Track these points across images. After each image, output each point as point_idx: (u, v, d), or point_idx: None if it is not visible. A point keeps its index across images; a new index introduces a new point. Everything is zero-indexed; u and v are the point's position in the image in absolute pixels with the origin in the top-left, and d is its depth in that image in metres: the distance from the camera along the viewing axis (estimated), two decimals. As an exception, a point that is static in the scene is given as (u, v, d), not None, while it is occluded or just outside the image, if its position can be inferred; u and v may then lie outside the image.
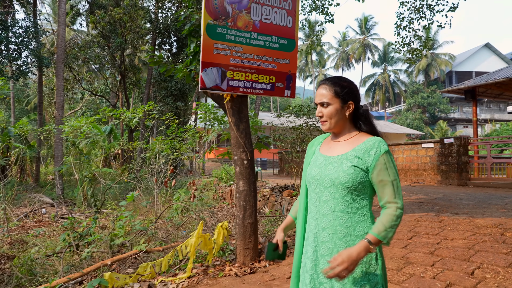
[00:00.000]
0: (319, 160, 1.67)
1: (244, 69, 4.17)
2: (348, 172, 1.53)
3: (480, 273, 3.03)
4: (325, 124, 1.65)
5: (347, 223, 1.53)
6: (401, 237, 4.22)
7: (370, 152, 1.54)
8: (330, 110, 1.63)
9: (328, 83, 1.65)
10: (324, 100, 1.63)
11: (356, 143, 1.61)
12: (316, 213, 1.61)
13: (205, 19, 3.93)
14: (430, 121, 49.32)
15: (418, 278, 3.14)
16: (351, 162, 1.55)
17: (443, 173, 11.12)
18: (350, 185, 1.52)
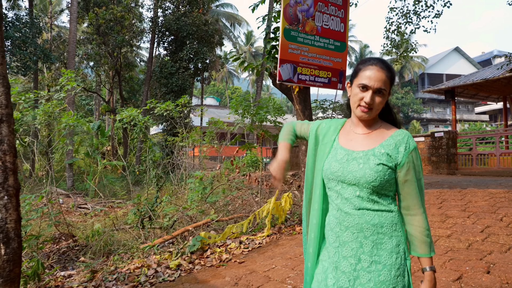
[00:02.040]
0: (340, 154, 1.49)
1: (309, 65, 5.10)
2: (376, 170, 1.39)
3: (508, 219, 4.09)
4: (369, 112, 1.44)
5: (374, 220, 1.40)
6: (433, 202, 5.26)
7: (399, 148, 1.40)
8: (382, 100, 1.45)
9: (383, 66, 1.45)
10: (383, 87, 1.42)
11: (382, 136, 1.46)
12: (337, 211, 1.46)
13: (283, 24, 4.83)
14: (404, 121, 51.61)
15: (461, 225, 4.16)
16: (379, 159, 1.40)
17: (434, 164, 12.40)
18: (377, 184, 1.38)
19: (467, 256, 3.37)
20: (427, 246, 1.39)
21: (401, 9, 14.44)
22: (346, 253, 1.41)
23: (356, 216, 1.40)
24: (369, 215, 1.40)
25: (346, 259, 1.41)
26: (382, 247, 1.38)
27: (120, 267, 4.26)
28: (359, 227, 1.40)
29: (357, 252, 1.40)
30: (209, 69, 19.42)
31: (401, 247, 1.40)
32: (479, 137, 13.56)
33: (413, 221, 1.41)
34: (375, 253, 1.38)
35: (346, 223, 1.42)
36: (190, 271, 4.08)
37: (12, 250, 3.24)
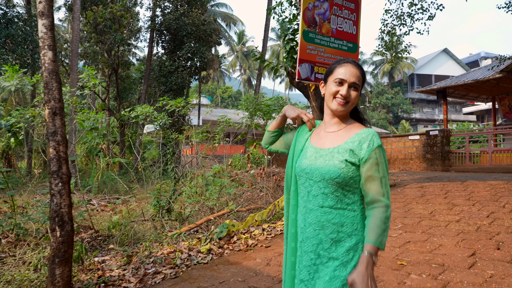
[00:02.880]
0: (309, 152, 1.56)
1: (325, 65, 5.46)
2: (339, 166, 1.44)
3: (510, 206, 4.52)
4: (344, 106, 1.52)
5: (335, 219, 1.45)
6: (438, 193, 5.68)
7: (363, 145, 1.46)
8: (357, 95, 1.54)
9: (356, 64, 1.55)
10: (357, 82, 1.52)
11: (348, 134, 1.52)
12: (303, 207, 1.53)
13: (302, 27, 5.18)
14: (394, 121, 52.45)
15: (467, 212, 4.57)
16: (343, 156, 1.46)
17: (428, 161, 12.90)
18: (341, 180, 1.44)
19: (477, 237, 3.77)
20: (375, 234, 1.38)
21: (395, 11, 14.92)
22: (307, 248, 1.48)
23: (318, 214, 1.46)
24: (331, 213, 1.45)
25: (307, 254, 1.48)
26: (340, 244, 1.43)
27: (154, 252, 4.55)
28: (320, 224, 1.46)
29: (317, 248, 1.46)
30: (207, 68, 19.69)
31: (360, 246, 1.43)
32: (472, 135, 14.13)
33: (373, 212, 1.42)
34: (333, 250, 1.44)
35: (310, 220, 1.49)
36: (221, 254, 4.41)
37: (66, 233, 3.54)
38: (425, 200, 5.42)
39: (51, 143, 3.62)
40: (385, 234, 1.41)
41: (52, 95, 3.65)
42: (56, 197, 3.58)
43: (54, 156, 3.60)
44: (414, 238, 4.01)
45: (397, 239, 4.04)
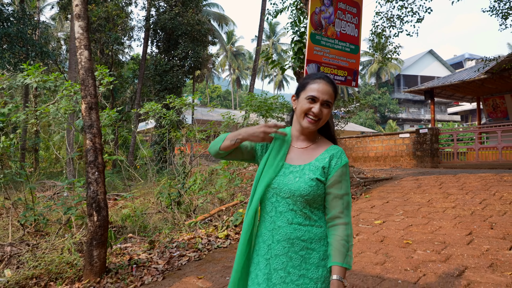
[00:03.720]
0: (278, 167, 1.53)
1: (330, 65, 5.86)
2: (310, 184, 1.43)
3: (499, 194, 4.99)
4: (315, 124, 1.50)
5: (304, 236, 1.44)
6: (433, 184, 6.14)
7: (331, 162, 1.47)
8: (329, 112, 1.51)
9: (329, 81, 1.53)
10: (330, 100, 1.49)
11: (319, 151, 1.53)
12: (270, 223, 1.50)
13: (309, 29, 5.57)
14: (381, 121, 53.41)
15: (462, 199, 5.03)
16: (314, 173, 1.46)
17: (418, 158, 13.45)
18: (310, 198, 1.44)
19: (472, 219, 4.22)
20: (340, 255, 1.39)
21: (385, 13, 15.49)
22: (276, 265, 1.46)
23: (288, 231, 1.45)
24: (300, 230, 1.44)
25: (277, 272, 1.46)
26: (309, 261, 1.44)
27: (175, 238, 4.89)
28: (290, 241, 1.44)
29: (286, 266, 1.44)
30: (201, 67, 19.97)
31: (327, 260, 1.44)
32: (460, 133, 14.77)
33: (334, 230, 1.43)
34: (303, 267, 1.43)
35: (278, 237, 1.46)
36: (238, 240, 4.76)
37: (103, 218, 3.86)
38: (421, 190, 5.88)
39: (87, 135, 3.93)
40: (350, 254, 1.41)
41: (88, 91, 3.96)
42: (93, 184, 3.90)
43: (91, 147, 3.92)
44: (415, 222, 4.44)
45: (400, 223, 4.46)
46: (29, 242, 4.82)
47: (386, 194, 5.99)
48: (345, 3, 5.96)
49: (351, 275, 3.23)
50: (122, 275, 3.88)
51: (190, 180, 9.70)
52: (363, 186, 6.81)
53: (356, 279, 3.13)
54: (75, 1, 4.01)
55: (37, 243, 4.64)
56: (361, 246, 3.92)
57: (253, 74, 19.70)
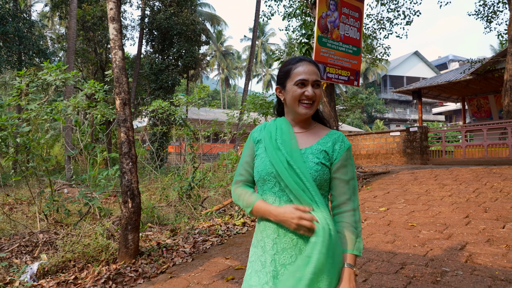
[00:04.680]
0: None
1: (335, 66, 6.31)
2: (316, 169, 1.34)
3: (490, 184, 5.50)
4: (311, 108, 1.41)
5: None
6: (429, 177, 6.64)
7: (335, 146, 1.38)
8: (321, 92, 1.44)
9: (310, 60, 1.43)
10: (319, 79, 1.41)
11: (318, 134, 1.44)
12: None
13: (317, 32, 6.00)
14: (368, 120, 54.38)
15: (456, 189, 5.52)
16: (318, 157, 1.36)
17: (408, 155, 14.04)
18: (317, 183, 1.33)
19: (467, 205, 4.70)
20: (350, 242, 1.31)
21: (376, 16, 16.07)
22: (284, 260, 1.33)
23: None
24: None
25: (285, 267, 1.33)
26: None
27: (195, 226, 5.25)
28: (298, 233, 1.32)
29: (295, 260, 1.31)
30: (196, 66, 20.27)
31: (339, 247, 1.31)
32: (448, 131, 15.44)
33: (342, 218, 1.34)
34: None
35: (285, 229, 1.34)
36: (255, 227, 5.16)
37: (136, 204, 4.21)
38: (418, 182, 6.37)
39: (122, 129, 4.27)
40: (359, 240, 1.33)
41: (122, 88, 4.30)
42: (127, 174, 4.24)
43: (125, 139, 4.26)
44: (417, 208, 4.90)
45: (403, 209, 4.92)
46: (57, 231, 5.13)
47: (386, 186, 6.46)
48: (348, 8, 6.41)
49: (366, 251, 3.66)
50: (154, 257, 4.23)
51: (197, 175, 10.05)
52: (363, 179, 7.27)
53: (371, 254, 3.56)
54: (109, 4, 4.34)
55: (69, 231, 4.94)
56: (371, 229, 4.36)
57: (248, 74, 20.09)
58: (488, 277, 2.81)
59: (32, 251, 4.65)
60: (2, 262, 4.15)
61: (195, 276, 3.72)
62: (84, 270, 4.05)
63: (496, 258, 3.12)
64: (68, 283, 3.79)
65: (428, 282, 2.86)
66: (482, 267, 2.99)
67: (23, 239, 4.86)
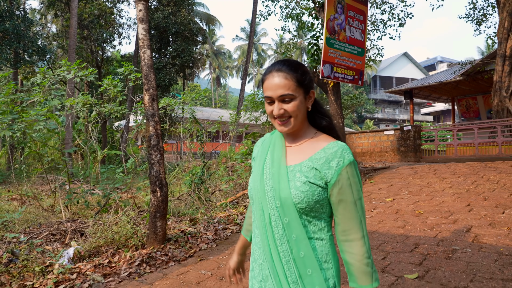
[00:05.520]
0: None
1: (341, 66, 6.67)
2: (302, 189, 1.15)
3: (487, 176, 5.92)
4: (287, 124, 1.21)
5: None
6: (428, 171, 7.04)
7: (330, 163, 1.15)
8: (295, 105, 1.19)
9: (285, 69, 1.18)
10: (287, 92, 1.17)
11: (313, 149, 1.22)
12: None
13: (325, 34, 6.36)
14: (358, 120, 55.14)
15: (456, 181, 5.93)
16: (306, 176, 1.16)
17: (402, 153, 14.52)
18: (304, 206, 1.15)
19: (468, 195, 5.10)
20: (367, 276, 1.16)
21: (370, 17, 16.54)
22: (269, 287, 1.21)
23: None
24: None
25: None
26: (308, 281, 1.16)
27: (213, 216, 5.56)
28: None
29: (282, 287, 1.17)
30: (193, 66, 20.50)
31: (331, 281, 1.18)
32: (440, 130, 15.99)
33: (351, 248, 1.17)
34: None
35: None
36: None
37: (164, 194, 4.51)
38: (419, 176, 6.77)
39: (150, 123, 4.56)
40: (375, 269, 1.17)
41: (150, 84, 4.59)
42: (156, 165, 4.53)
43: (154, 133, 4.54)
44: (421, 198, 5.29)
45: (408, 200, 5.30)
46: (83, 220, 5.38)
47: (388, 180, 6.85)
48: (354, 11, 6.77)
49: (379, 235, 4.02)
50: (181, 243, 4.53)
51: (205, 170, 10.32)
52: (365, 174, 7.66)
53: (385, 237, 3.92)
54: (138, 6, 4.61)
55: (97, 220, 5.21)
56: (381, 217, 4.72)
57: (244, 74, 20.39)
58: (494, 253, 3.18)
59: (60, 239, 4.90)
60: (37, 248, 4.40)
61: (223, 258, 4.03)
62: (116, 255, 4.33)
63: (500, 238, 3.51)
64: (103, 266, 4.07)
65: (441, 258, 3.22)
66: (487, 245, 3.37)
67: (51, 228, 5.11)
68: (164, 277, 3.72)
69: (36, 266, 3.89)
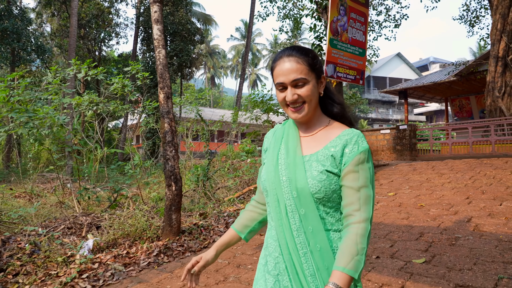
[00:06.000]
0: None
1: (344, 66, 6.91)
2: (319, 179, 1.13)
3: (483, 172, 6.20)
4: (301, 110, 1.19)
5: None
6: (426, 168, 7.31)
7: (345, 149, 1.14)
8: (309, 89, 1.17)
9: (296, 53, 1.17)
10: (300, 76, 1.15)
11: (329, 137, 1.19)
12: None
13: (329, 35, 6.59)
14: (352, 120, 55.40)
15: (454, 177, 6.20)
16: (323, 165, 1.14)
17: (398, 152, 14.83)
18: (321, 196, 1.13)
19: (466, 189, 5.37)
20: (345, 258, 1.06)
21: (366, 19, 16.78)
22: (287, 283, 1.18)
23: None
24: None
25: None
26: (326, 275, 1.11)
27: (223, 210, 5.76)
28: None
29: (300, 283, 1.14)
30: (191, 65, 20.65)
31: None
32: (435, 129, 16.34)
33: (348, 230, 1.12)
34: (321, 285, 1.12)
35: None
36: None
37: (179, 187, 4.71)
38: (418, 172, 7.04)
39: (165, 120, 4.75)
40: (359, 258, 1.06)
41: (165, 83, 4.78)
42: (170, 160, 4.72)
43: (169, 129, 4.74)
44: (422, 193, 5.54)
45: (410, 194, 5.55)
46: (95, 215, 5.55)
47: (389, 176, 7.10)
48: (356, 13, 7.02)
49: (385, 226, 4.25)
50: (195, 235, 4.73)
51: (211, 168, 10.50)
52: (365, 170, 7.91)
53: (391, 228, 4.15)
54: (153, 7, 4.80)
55: (113, 213, 5.38)
56: (385, 209, 4.96)
57: (242, 74, 20.60)
58: (494, 240, 3.43)
59: (76, 232, 5.07)
60: (56, 240, 4.57)
61: (238, 248, 4.24)
62: (132, 247, 4.52)
63: (499, 226, 3.76)
64: (122, 256, 4.26)
65: (445, 245, 3.46)
66: (488, 233, 3.62)
67: (66, 221, 5.28)
68: (182, 266, 3.92)
69: (58, 257, 4.07)
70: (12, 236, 4.59)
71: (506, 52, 11.00)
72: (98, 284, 3.67)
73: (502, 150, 11.58)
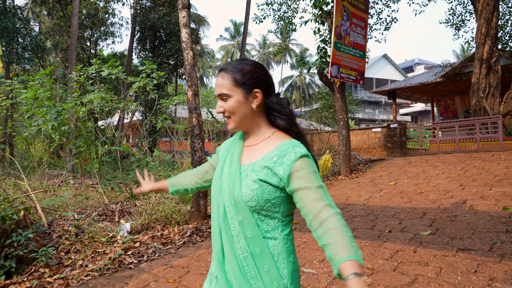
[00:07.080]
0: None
1: (346, 67, 7.51)
2: (252, 187, 1.15)
3: (473, 164, 6.87)
4: (229, 123, 1.26)
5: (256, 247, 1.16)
6: (420, 161, 7.96)
7: (283, 159, 1.16)
8: (231, 103, 1.23)
9: (226, 70, 1.24)
10: (222, 91, 1.23)
11: (268, 148, 1.22)
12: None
13: (333, 39, 7.18)
14: (339, 120, 56.24)
15: (447, 169, 6.85)
16: (257, 174, 1.17)
17: (389, 149, 15.56)
18: (254, 204, 1.15)
19: (459, 178, 6.01)
20: (348, 248, 1.04)
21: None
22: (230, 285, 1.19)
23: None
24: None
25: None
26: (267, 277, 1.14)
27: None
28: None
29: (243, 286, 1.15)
30: (187, 65, 21.04)
31: (285, 281, 1.15)
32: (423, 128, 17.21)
33: (327, 225, 1.08)
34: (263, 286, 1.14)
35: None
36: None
37: (206, 176, 5.19)
38: (413, 165, 7.68)
39: (193, 115, 5.25)
40: (355, 246, 1.06)
41: (193, 81, 5.28)
42: (198, 151, 5.22)
43: (196, 123, 5.24)
44: (419, 182, 6.17)
45: (409, 183, 6.17)
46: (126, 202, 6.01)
47: (386, 168, 7.73)
48: (357, 18, 7.63)
49: (391, 209, 4.84)
50: (220, 219, 5.23)
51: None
52: (364, 164, 8.53)
53: (396, 210, 4.75)
54: (182, 13, 5.29)
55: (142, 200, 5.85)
56: (388, 196, 5.56)
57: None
58: (487, 216, 4.05)
59: (107, 218, 5.53)
60: (94, 224, 5.02)
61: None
62: (165, 229, 5.01)
63: (490, 206, 4.39)
64: (158, 237, 4.74)
65: (446, 221, 4.07)
66: (481, 212, 4.24)
67: (99, 208, 5.72)
68: (216, 244, 4.43)
69: (102, 237, 4.54)
70: (53, 220, 5.03)
71: (490, 55, 11.75)
72: (143, 259, 4.16)
73: (487, 147, 12.38)
